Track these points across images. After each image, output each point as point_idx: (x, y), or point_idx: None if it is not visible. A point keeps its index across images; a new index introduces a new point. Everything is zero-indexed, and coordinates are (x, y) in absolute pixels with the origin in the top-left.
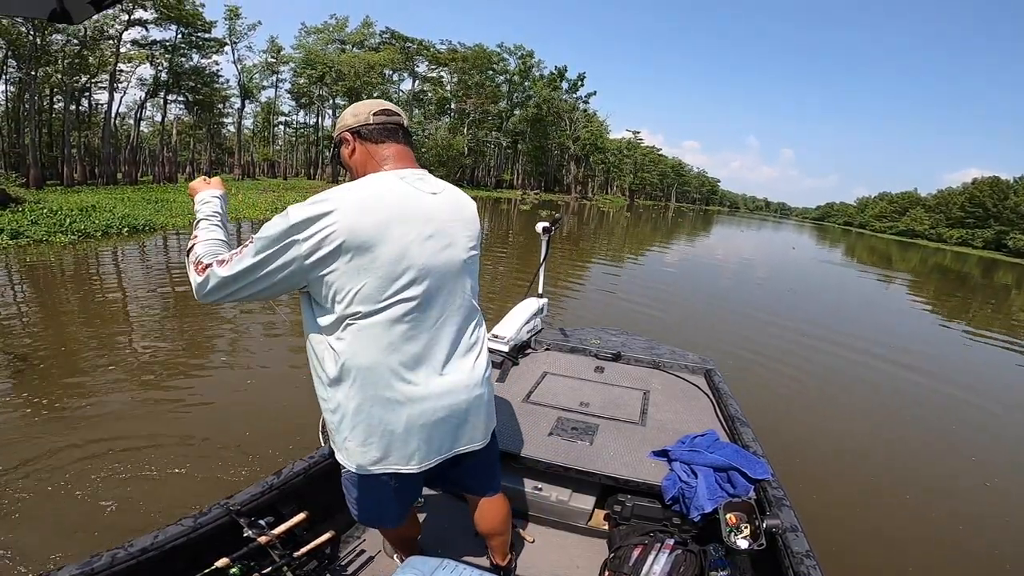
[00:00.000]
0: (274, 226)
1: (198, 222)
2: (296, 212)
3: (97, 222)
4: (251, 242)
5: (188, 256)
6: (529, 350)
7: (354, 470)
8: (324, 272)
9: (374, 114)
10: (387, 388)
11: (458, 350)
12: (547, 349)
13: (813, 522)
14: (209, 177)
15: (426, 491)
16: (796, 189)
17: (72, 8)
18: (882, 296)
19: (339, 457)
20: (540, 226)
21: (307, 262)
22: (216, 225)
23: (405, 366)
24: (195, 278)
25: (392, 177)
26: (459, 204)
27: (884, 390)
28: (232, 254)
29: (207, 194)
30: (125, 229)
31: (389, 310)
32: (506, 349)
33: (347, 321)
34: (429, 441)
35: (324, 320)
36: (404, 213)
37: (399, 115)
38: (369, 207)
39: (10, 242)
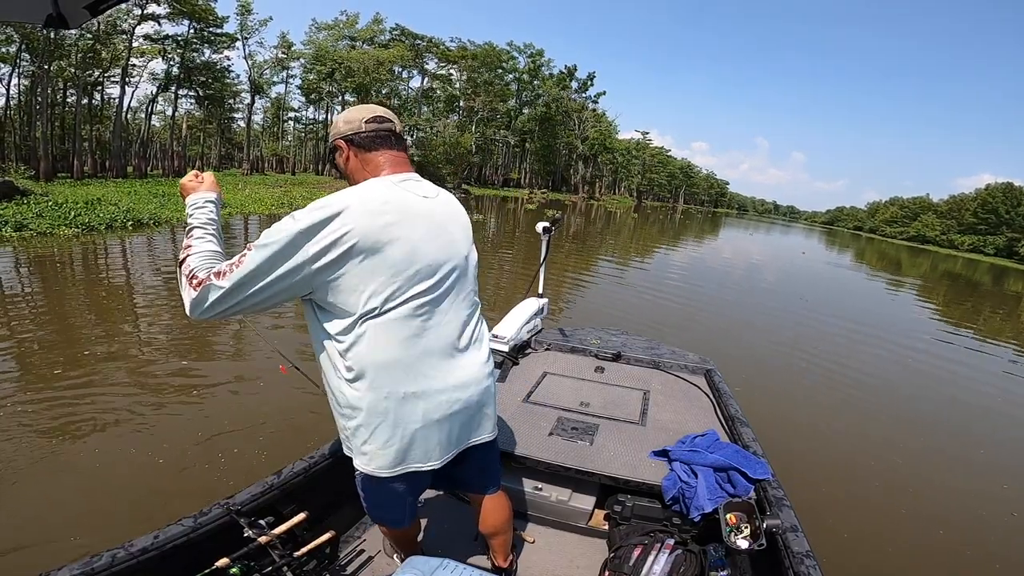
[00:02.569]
0: (280, 231)
1: (191, 229)
2: (305, 217)
3: (102, 215)
4: (250, 250)
5: (180, 268)
6: (529, 350)
7: (372, 473)
8: (334, 275)
9: (366, 121)
10: (404, 383)
11: (466, 343)
12: (547, 349)
13: (813, 522)
14: (201, 172)
15: (426, 492)
16: (805, 192)
17: (68, 13)
18: (891, 302)
19: (357, 463)
20: (540, 226)
21: (315, 266)
22: (211, 235)
23: (420, 361)
24: (190, 294)
25: (389, 182)
26: (453, 207)
27: (895, 397)
28: (229, 265)
29: (200, 197)
30: (129, 223)
31: (402, 307)
32: (506, 349)
33: (361, 321)
34: (448, 434)
35: (335, 324)
36: (408, 215)
37: (391, 121)
38: (375, 209)
39: (14, 234)
